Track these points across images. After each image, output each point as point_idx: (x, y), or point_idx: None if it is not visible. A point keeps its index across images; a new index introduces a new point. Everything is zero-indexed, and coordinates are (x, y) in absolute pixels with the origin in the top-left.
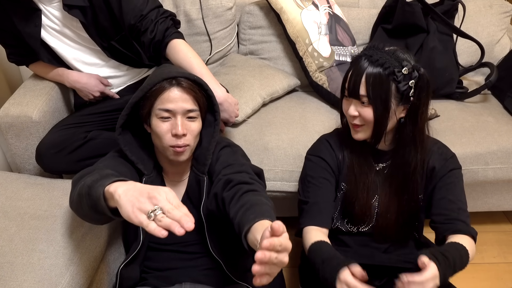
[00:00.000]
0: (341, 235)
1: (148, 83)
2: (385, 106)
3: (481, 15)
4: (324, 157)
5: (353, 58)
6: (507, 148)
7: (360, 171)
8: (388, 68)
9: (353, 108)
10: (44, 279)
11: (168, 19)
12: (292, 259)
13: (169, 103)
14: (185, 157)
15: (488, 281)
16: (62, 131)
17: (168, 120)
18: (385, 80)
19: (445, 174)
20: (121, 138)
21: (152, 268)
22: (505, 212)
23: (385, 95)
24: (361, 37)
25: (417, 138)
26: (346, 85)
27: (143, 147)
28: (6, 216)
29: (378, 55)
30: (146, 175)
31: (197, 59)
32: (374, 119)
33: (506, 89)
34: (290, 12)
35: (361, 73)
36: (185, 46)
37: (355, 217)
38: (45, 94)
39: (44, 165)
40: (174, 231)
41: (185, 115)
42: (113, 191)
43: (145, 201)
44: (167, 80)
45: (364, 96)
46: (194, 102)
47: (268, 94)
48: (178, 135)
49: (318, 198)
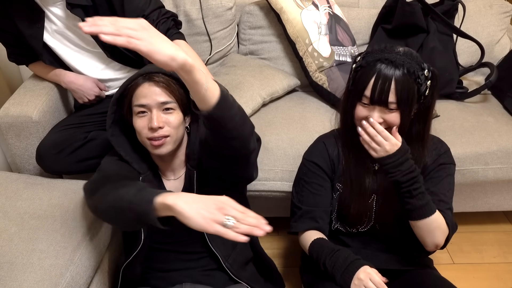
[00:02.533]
0: (341, 235)
1: (125, 81)
2: (411, 109)
3: (481, 15)
4: (318, 162)
5: (367, 63)
6: (507, 148)
7: (356, 175)
8: (413, 72)
9: (377, 115)
10: (44, 279)
11: (169, 20)
12: (292, 259)
13: (143, 98)
14: (166, 150)
15: (488, 281)
16: (62, 132)
17: (145, 115)
18: (412, 84)
19: (434, 168)
20: (114, 139)
21: (153, 268)
22: (505, 212)
23: (412, 98)
24: (361, 37)
25: (424, 136)
26: (368, 93)
27: (137, 147)
28: (6, 216)
29: (399, 58)
30: (142, 174)
31: (195, 59)
32: (401, 122)
33: (506, 89)
34: (290, 12)
35: (389, 80)
36: (184, 46)
37: (351, 219)
38: (45, 94)
39: (45, 166)
40: (257, 234)
41: (160, 108)
42: (172, 204)
43: (216, 212)
44: (142, 77)
45: (393, 103)
46: (168, 94)
47: (268, 94)
48: (153, 128)
49: (312, 206)
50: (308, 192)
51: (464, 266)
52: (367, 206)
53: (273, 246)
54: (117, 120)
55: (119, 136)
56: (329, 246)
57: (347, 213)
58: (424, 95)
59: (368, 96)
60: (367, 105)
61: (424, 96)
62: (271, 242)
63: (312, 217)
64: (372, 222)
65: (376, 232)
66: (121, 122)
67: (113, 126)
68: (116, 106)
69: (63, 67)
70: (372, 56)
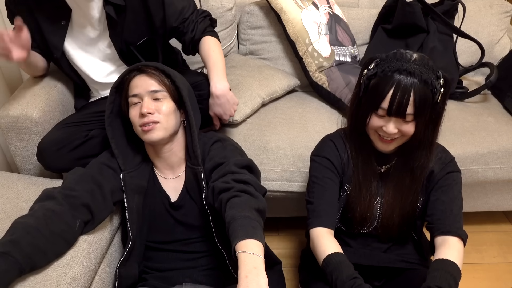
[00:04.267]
0: (342, 235)
1: (123, 72)
2: (426, 118)
3: (481, 15)
4: (329, 156)
5: (384, 73)
6: (507, 148)
7: (364, 177)
8: (431, 83)
9: (393, 126)
10: (46, 280)
11: (206, 19)
12: (292, 259)
13: (135, 88)
14: (157, 135)
15: (488, 281)
16: (64, 129)
17: (137, 105)
18: (428, 94)
19: (442, 177)
20: (110, 129)
21: (152, 268)
22: (505, 212)
23: (428, 108)
24: (361, 37)
25: (433, 141)
26: (386, 105)
27: (133, 143)
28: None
29: (417, 69)
30: (124, 171)
31: (216, 53)
32: (415, 133)
33: (506, 89)
34: (290, 12)
35: (408, 92)
36: (211, 41)
37: (354, 221)
38: (45, 94)
39: (45, 163)
40: None
41: (151, 96)
42: None
43: None
44: (133, 71)
45: (411, 115)
46: (159, 84)
47: (267, 94)
48: (143, 114)
49: (323, 199)
50: (319, 187)
51: (464, 266)
52: (372, 209)
53: (273, 246)
54: (117, 113)
55: (117, 129)
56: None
57: (352, 214)
58: (437, 102)
59: (386, 108)
60: (383, 116)
61: (436, 103)
62: (271, 242)
63: (324, 210)
64: (375, 224)
65: (378, 233)
66: (122, 117)
67: (112, 116)
68: (115, 95)
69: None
70: (388, 66)
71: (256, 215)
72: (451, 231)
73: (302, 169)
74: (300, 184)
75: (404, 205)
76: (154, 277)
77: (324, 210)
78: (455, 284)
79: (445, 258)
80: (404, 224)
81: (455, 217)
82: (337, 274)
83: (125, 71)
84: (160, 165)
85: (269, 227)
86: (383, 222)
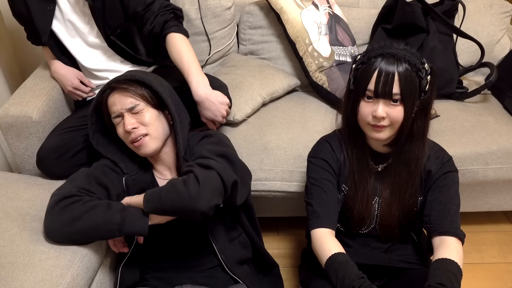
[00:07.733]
0: (341, 236)
1: (97, 93)
2: (413, 103)
3: (481, 15)
4: (325, 158)
5: (368, 59)
6: (507, 148)
7: (360, 177)
8: (414, 65)
9: (382, 109)
10: (45, 280)
11: (168, 12)
12: (292, 259)
13: (113, 107)
14: (150, 148)
15: (488, 281)
16: (63, 135)
17: (122, 122)
18: (414, 77)
19: (440, 176)
20: (100, 148)
21: (153, 268)
22: (505, 212)
23: (414, 92)
24: (361, 37)
25: (425, 132)
26: (372, 86)
27: (128, 150)
28: (8, 217)
29: (400, 52)
30: (126, 174)
31: (188, 54)
32: (404, 117)
33: (506, 89)
34: (290, 12)
35: (392, 72)
36: (180, 40)
37: (353, 221)
38: (45, 94)
39: (46, 170)
40: None
41: (130, 111)
42: None
43: None
44: (106, 90)
45: (397, 94)
46: (133, 97)
47: (268, 94)
48: (128, 132)
49: (323, 200)
50: (318, 188)
51: (464, 266)
52: (370, 209)
53: (273, 246)
54: (102, 131)
55: (107, 145)
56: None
57: (350, 214)
58: (424, 90)
59: (372, 89)
60: (370, 99)
61: (424, 91)
62: (271, 242)
63: (324, 211)
64: (373, 224)
65: (377, 234)
66: (109, 133)
67: (97, 136)
68: (95, 117)
69: (70, 60)
70: (373, 53)
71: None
72: (448, 231)
73: (302, 169)
74: (300, 184)
75: (402, 203)
76: (154, 278)
77: (324, 211)
78: (456, 281)
79: (445, 257)
80: (402, 223)
81: (452, 217)
82: (343, 272)
83: (99, 91)
84: (158, 167)
85: (269, 227)
86: (382, 222)
